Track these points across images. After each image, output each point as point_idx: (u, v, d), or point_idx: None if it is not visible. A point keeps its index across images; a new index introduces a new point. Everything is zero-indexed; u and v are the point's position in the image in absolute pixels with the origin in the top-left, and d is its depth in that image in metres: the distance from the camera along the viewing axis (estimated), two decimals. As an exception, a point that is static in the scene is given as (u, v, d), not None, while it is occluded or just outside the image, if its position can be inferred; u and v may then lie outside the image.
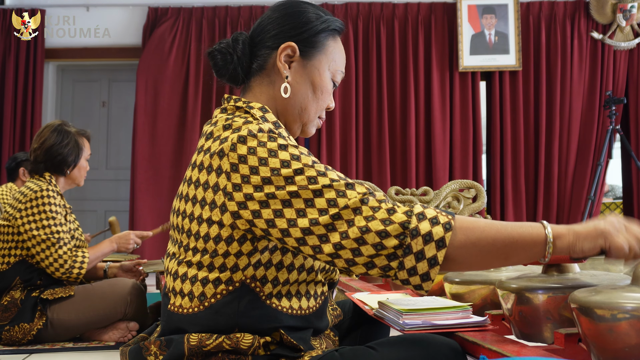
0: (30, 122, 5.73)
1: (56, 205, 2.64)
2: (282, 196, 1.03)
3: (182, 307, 1.13)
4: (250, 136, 1.08)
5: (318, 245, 1.02)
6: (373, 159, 5.56)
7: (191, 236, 1.13)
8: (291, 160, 1.06)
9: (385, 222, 0.99)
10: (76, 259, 2.60)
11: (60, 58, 5.95)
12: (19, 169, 4.17)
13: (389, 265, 1.00)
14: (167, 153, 5.60)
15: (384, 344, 1.15)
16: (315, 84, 1.25)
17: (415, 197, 2.85)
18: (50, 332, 2.54)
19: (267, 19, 1.26)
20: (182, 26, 5.71)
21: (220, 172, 1.09)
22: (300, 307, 1.15)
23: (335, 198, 1.02)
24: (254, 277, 1.11)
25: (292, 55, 1.23)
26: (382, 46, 5.62)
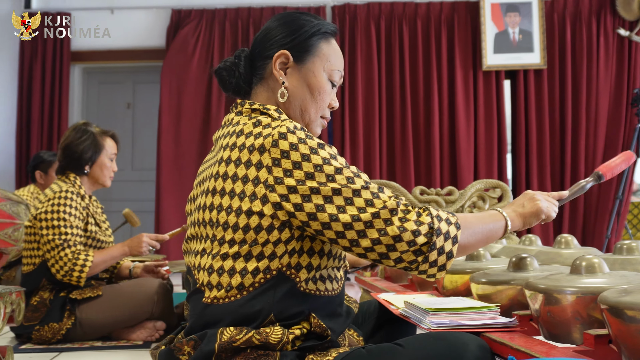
0: (57, 124, 5.82)
1: (72, 207, 2.63)
2: (325, 192, 1.12)
3: (218, 298, 1.16)
4: (290, 133, 1.15)
5: (356, 239, 1.12)
6: (397, 159, 5.55)
7: (228, 228, 1.16)
8: (330, 159, 1.15)
9: (417, 222, 1.12)
10: (77, 262, 2.55)
11: (85, 60, 6.03)
12: (35, 171, 4.23)
13: (416, 260, 1.13)
14: (191, 153, 5.64)
15: (411, 341, 1.15)
16: (311, 86, 1.31)
17: (440, 197, 2.84)
18: (79, 332, 2.57)
19: (263, 32, 1.35)
20: (205, 28, 5.75)
21: (260, 166, 1.15)
22: (327, 289, 1.22)
23: (371, 199, 1.13)
24: (289, 264, 1.16)
25: (286, 62, 1.30)
26: (404, 46, 5.60)
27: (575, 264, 1.26)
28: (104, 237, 2.82)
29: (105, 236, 2.84)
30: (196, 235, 1.24)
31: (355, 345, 1.28)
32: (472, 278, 1.55)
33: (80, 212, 2.68)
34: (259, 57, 1.32)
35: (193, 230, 1.26)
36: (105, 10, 5.94)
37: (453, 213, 1.20)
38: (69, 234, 2.58)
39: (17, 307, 2.05)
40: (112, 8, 5.93)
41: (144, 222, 5.88)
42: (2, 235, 3.08)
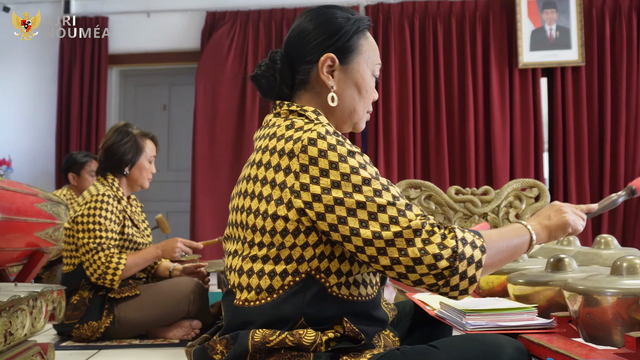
0: (95, 126, 5.94)
1: (107, 211, 2.66)
2: (349, 204, 1.10)
3: (249, 300, 1.16)
4: (320, 138, 1.13)
5: (375, 256, 1.10)
6: (431, 158, 5.50)
7: (256, 231, 1.16)
8: (359, 168, 1.12)
9: (440, 246, 1.08)
10: (109, 265, 2.60)
11: (123, 63, 6.14)
12: (68, 173, 4.26)
13: (436, 284, 1.10)
14: (225, 154, 5.69)
15: (446, 342, 1.14)
16: (359, 86, 1.30)
17: (476, 197, 2.81)
18: (117, 330, 2.62)
19: (300, 33, 1.30)
20: (239, 29, 5.79)
21: (288, 171, 1.13)
22: (360, 294, 1.20)
23: (397, 216, 1.09)
24: (318, 268, 1.15)
25: (332, 65, 1.28)
26: (438, 44, 5.55)
27: (615, 264, 1.24)
28: (142, 238, 2.85)
29: (143, 237, 2.88)
30: (231, 236, 1.25)
31: (390, 345, 1.28)
32: (509, 279, 1.53)
33: (117, 216, 2.71)
34: (301, 62, 1.29)
35: (229, 231, 1.27)
36: (142, 13, 6.03)
37: (479, 234, 1.15)
38: (104, 237, 2.62)
39: (58, 306, 2.10)
40: (148, 11, 6.02)
41: (180, 222, 5.97)
42: (43, 235, 3.15)
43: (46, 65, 6.13)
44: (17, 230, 2.94)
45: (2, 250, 2.91)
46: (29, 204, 3.06)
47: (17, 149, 6.06)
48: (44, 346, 2.05)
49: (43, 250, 3.20)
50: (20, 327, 1.77)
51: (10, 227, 2.90)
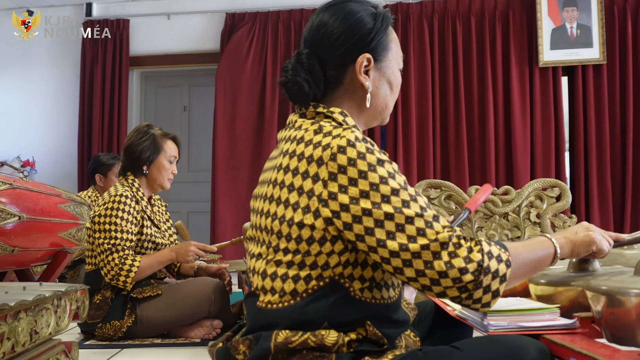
0: (117, 127, 6.00)
1: (124, 211, 2.68)
2: (377, 215, 1.08)
3: (272, 303, 1.16)
4: (350, 146, 1.11)
5: (401, 268, 1.09)
6: (450, 158, 5.48)
7: (282, 237, 1.15)
8: (388, 178, 1.11)
9: (466, 260, 1.08)
10: (122, 267, 2.61)
11: (143, 65, 6.20)
12: (95, 174, 4.31)
13: (459, 296, 1.10)
14: (245, 155, 5.72)
15: (468, 343, 1.14)
16: (391, 82, 1.31)
17: (496, 197, 2.80)
18: (139, 329, 2.64)
19: (328, 32, 1.25)
20: (259, 30, 5.82)
21: (317, 179, 1.12)
22: (382, 297, 1.19)
23: (424, 228, 1.09)
24: (342, 274, 1.14)
25: (367, 65, 1.26)
26: (458, 43, 5.53)
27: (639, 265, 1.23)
28: (162, 239, 2.87)
29: (164, 238, 2.89)
30: (254, 238, 1.24)
31: (411, 346, 1.27)
32: (530, 279, 1.52)
33: (134, 217, 2.72)
34: (333, 64, 1.25)
35: (252, 232, 1.26)
36: (162, 16, 6.09)
37: (505, 247, 1.14)
38: (119, 238, 2.64)
39: (82, 305, 2.12)
40: (168, 14, 6.07)
41: (200, 222, 6.01)
42: (67, 235, 3.20)
43: (68, 67, 6.22)
44: (41, 231, 2.99)
45: (27, 250, 2.95)
46: (53, 204, 3.11)
47: (41, 151, 6.15)
48: (68, 345, 2.08)
49: (66, 250, 3.24)
50: (45, 325, 1.80)
51: (34, 228, 2.94)
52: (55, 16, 6.26)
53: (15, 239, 2.84)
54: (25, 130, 6.21)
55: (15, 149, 6.13)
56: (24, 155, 6.06)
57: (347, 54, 1.25)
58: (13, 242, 2.82)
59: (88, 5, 6.14)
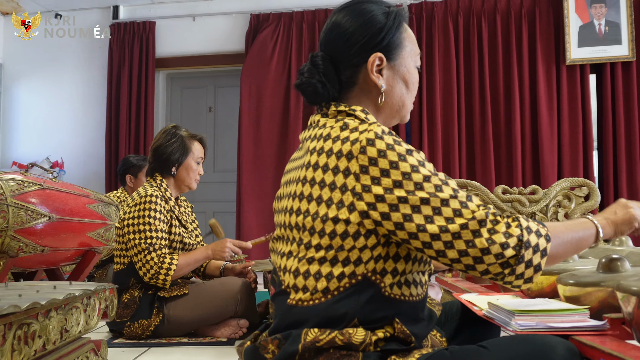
0: (143, 128, 6.07)
1: (157, 211, 2.72)
2: (413, 201, 1.09)
3: (302, 300, 1.16)
4: (378, 139, 1.12)
5: (443, 250, 1.10)
6: (476, 157, 5.44)
7: (314, 233, 1.16)
8: (419, 166, 1.12)
9: (506, 235, 1.08)
10: (162, 266, 2.65)
11: (169, 67, 6.26)
12: (125, 175, 4.38)
13: (502, 272, 1.09)
14: (270, 155, 5.74)
15: (496, 343, 1.13)
16: (406, 80, 1.30)
17: (523, 197, 2.77)
18: (166, 328, 2.67)
19: (342, 34, 1.27)
20: (283, 31, 5.83)
21: (348, 173, 1.13)
22: (411, 294, 1.19)
23: (460, 209, 1.09)
24: (374, 270, 1.15)
25: (380, 64, 1.26)
26: (483, 42, 5.48)
27: (671, 265, 1.21)
28: (190, 239, 2.90)
29: (191, 238, 2.92)
30: (282, 237, 1.25)
31: (438, 346, 1.27)
32: (559, 279, 1.50)
33: (165, 216, 2.76)
34: (347, 64, 1.26)
35: (279, 232, 1.26)
36: (188, 17, 6.14)
37: (543, 224, 1.15)
38: (154, 237, 2.68)
39: (110, 304, 2.15)
40: (193, 15, 6.12)
41: (226, 222, 6.05)
42: (95, 235, 3.24)
43: (96, 69, 6.31)
44: (70, 231, 3.03)
45: (57, 249, 3.00)
46: (82, 205, 3.15)
47: (69, 152, 6.25)
48: (97, 343, 2.11)
49: (95, 250, 3.29)
50: (75, 324, 1.83)
51: (63, 228, 2.99)
52: (82, 19, 6.35)
53: (45, 239, 2.89)
54: (54, 132, 6.32)
55: (45, 150, 6.24)
56: (53, 156, 6.16)
57: (359, 54, 1.26)
58: (43, 241, 2.87)
59: (115, 8, 6.22)
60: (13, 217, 2.71)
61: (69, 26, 6.33)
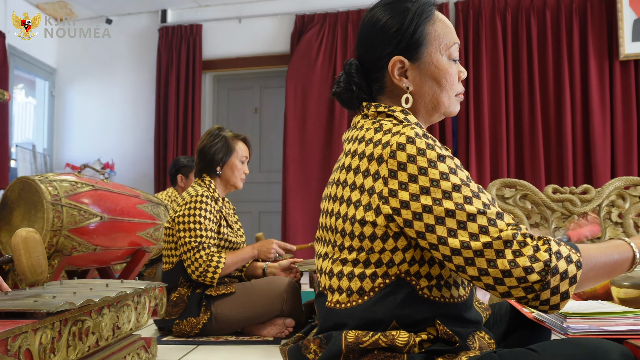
0: (190, 129, 6.17)
1: (206, 211, 2.77)
2: (437, 212, 1.06)
3: (340, 303, 1.16)
4: (409, 143, 1.10)
5: (463, 266, 1.07)
6: (525, 156, 5.33)
7: (345, 235, 1.16)
8: (449, 174, 1.08)
9: (532, 259, 1.03)
10: (210, 264, 2.70)
11: (216, 68, 6.34)
12: (177, 175, 4.48)
13: (525, 297, 1.06)
14: (315, 156, 5.76)
15: (546, 346, 1.10)
16: (436, 77, 1.25)
17: (575, 196, 2.70)
18: (214, 326, 2.71)
19: (366, 40, 1.27)
20: (328, 31, 5.84)
21: (377, 177, 1.12)
22: (452, 296, 1.17)
23: (487, 226, 1.05)
24: (408, 272, 1.13)
25: (403, 66, 1.24)
26: (532, 38, 5.37)
27: None
28: (235, 238, 2.95)
29: (236, 237, 2.97)
30: (321, 238, 1.26)
31: (486, 348, 1.25)
32: (613, 281, 1.46)
33: (214, 215, 2.82)
34: (372, 69, 1.27)
35: (319, 233, 1.27)
36: (234, 19, 6.21)
37: (577, 247, 1.09)
38: (204, 236, 2.73)
39: (160, 302, 2.20)
40: (239, 17, 6.19)
41: (271, 222, 6.10)
42: (145, 235, 3.31)
43: (145, 73, 6.45)
44: (121, 230, 3.11)
45: (108, 248, 3.08)
46: (132, 205, 3.23)
47: (120, 153, 6.40)
48: (148, 340, 2.15)
49: (144, 249, 3.36)
50: (127, 321, 1.87)
51: (115, 227, 3.07)
52: (132, 24, 6.50)
53: (97, 238, 2.97)
54: (105, 134, 6.48)
55: (96, 152, 6.40)
56: (104, 158, 6.32)
57: (381, 59, 1.25)
58: (95, 241, 2.95)
59: (163, 12, 6.35)
60: (67, 217, 2.79)
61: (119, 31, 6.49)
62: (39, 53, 6.39)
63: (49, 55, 6.57)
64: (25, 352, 1.28)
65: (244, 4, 6.17)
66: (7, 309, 1.35)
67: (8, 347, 1.22)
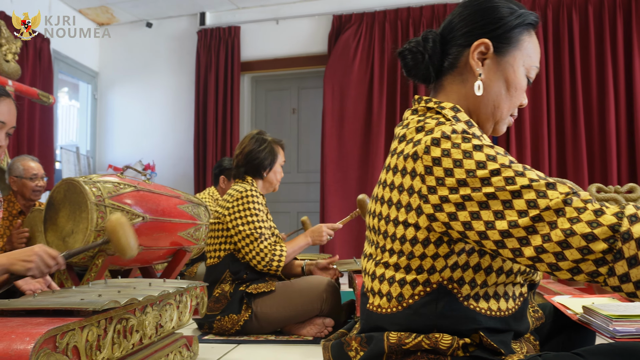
0: (229, 130, 6.24)
1: (259, 204, 2.88)
2: (478, 198, 1.00)
3: (381, 307, 1.15)
4: (444, 138, 1.07)
5: (518, 248, 0.97)
6: (568, 155, 5.23)
7: (387, 238, 1.14)
8: (487, 161, 1.02)
9: (592, 224, 0.91)
10: (275, 252, 2.81)
11: (254, 70, 6.40)
12: (220, 176, 4.55)
13: (597, 271, 0.92)
14: (354, 155, 5.76)
15: (593, 351, 1.07)
16: (509, 81, 1.21)
17: (620, 195, 2.64)
18: (255, 324, 2.74)
19: (458, 16, 1.23)
20: (366, 31, 5.83)
21: (414, 174, 1.09)
22: (499, 309, 1.12)
23: (535, 199, 0.96)
24: (450, 278, 1.10)
25: (485, 52, 1.19)
26: (574, 35, 5.27)
27: None
28: (277, 232, 3.03)
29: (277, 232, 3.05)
30: (368, 238, 1.25)
31: (531, 350, 1.22)
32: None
33: (264, 209, 2.91)
34: (453, 43, 1.22)
35: (367, 232, 1.27)
36: (271, 21, 6.25)
37: None
38: (263, 227, 2.84)
39: (201, 301, 2.23)
40: (277, 19, 6.23)
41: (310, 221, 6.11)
42: (186, 235, 3.36)
43: (185, 75, 6.54)
44: (162, 230, 3.16)
45: (150, 248, 3.13)
46: (173, 205, 3.27)
47: (160, 154, 6.51)
48: (189, 339, 2.18)
49: (185, 248, 3.41)
50: (169, 319, 1.90)
51: (156, 228, 3.12)
52: (171, 27, 6.60)
53: (139, 238, 3.01)
54: (146, 136, 6.60)
55: (138, 153, 6.52)
56: (145, 159, 6.43)
57: (467, 35, 1.20)
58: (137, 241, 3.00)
59: (202, 15, 6.42)
60: (110, 217, 2.84)
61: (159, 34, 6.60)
62: (82, 57, 6.54)
63: (91, 59, 6.72)
64: (72, 349, 1.31)
65: (282, 5, 6.20)
66: (55, 307, 1.38)
67: (57, 344, 1.25)
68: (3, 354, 1.14)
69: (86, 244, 2.89)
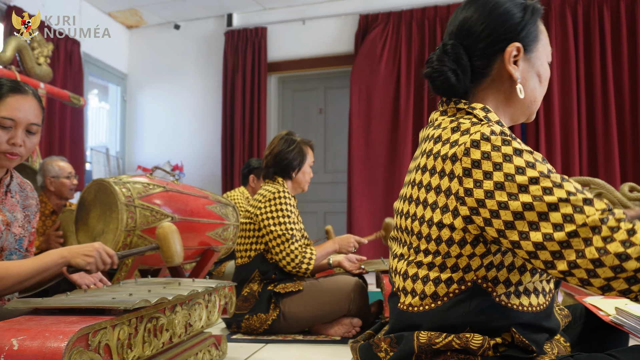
0: (257, 129, 6.27)
1: (290, 205, 2.90)
2: (514, 207, 1.00)
3: (412, 305, 1.15)
4: (484, 140, 1.06)
5: (551, 261, 0.99)
6: (599, 154, 5.14)
7: (422, 238, 1.14)
8: (526, 167, 1.02)
9: (625, 243, 0.93)
10: (305, 255, 2.82)
11: (280, 70, 6.42)
12: (249, 175, 4.60)
13: (630, 289, 0.94)
14: (381, 156, 5.74)
15: (626, 352, 1.05)
16: (540, 75, 1.24)
17: (653, 194, 2.59)
18: (282, 324, 2.75)
19: (474, 23, 1.21)
20: (392, 30, 5.81)
21: (452, 176, 1.09)
22: (531, 304, 1.13)
23: (572, 214, 0.97)
24: (485, 277, 1.10)
25: (517, 55, 1.20)
26: (605, 31, 5.18)
27: None
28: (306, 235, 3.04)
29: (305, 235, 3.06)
30: (397, 238, 1.24)
31: (562, 351, 1.21)
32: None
33: (295, 211, 2.95)
34: (481, 54, 1.20)
35: (394, 233, 1.26)
36: (298, 21, 6.27)
37: None
38: (294, 229, 2.86)
39: (230, 301, 2.24)
40: (303, 19, 6.24)
41: (337, 222, 6.11)
42: (214, 235, 3.38)
43: (212, 76, 6.59)
44: (191, 230, 3.18)
45: (179, 248, 3.16)
46: (201, 205, 3.30)
47: (188, 155, 6.57)
48: (218, 338, 2.20)
49: (213, 248, 3.43)
50: (198, 319, 1.92)
51: (185, 227, 3.14)
52: (199, 29, 6.66)
53: (168, 238, 3.05)
54: (174, 137, 6.67)
55: (166, 154, 6.60)
56: (174, 159, 6.50)
57: (495, 44, 1.20)
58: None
59: (229, 17, 6.47)
60: (140, 218, 2.88)
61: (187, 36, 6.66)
62: (111, 59, 6.63)
63: (120, 61, 6.81)
64: (104, 347, 1.33)
65: (308, 5, 6.21)
66: (87, 306, 1.40)
67: (89, 342, 1.27)
68: (37, 352, 1.16)
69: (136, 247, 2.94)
